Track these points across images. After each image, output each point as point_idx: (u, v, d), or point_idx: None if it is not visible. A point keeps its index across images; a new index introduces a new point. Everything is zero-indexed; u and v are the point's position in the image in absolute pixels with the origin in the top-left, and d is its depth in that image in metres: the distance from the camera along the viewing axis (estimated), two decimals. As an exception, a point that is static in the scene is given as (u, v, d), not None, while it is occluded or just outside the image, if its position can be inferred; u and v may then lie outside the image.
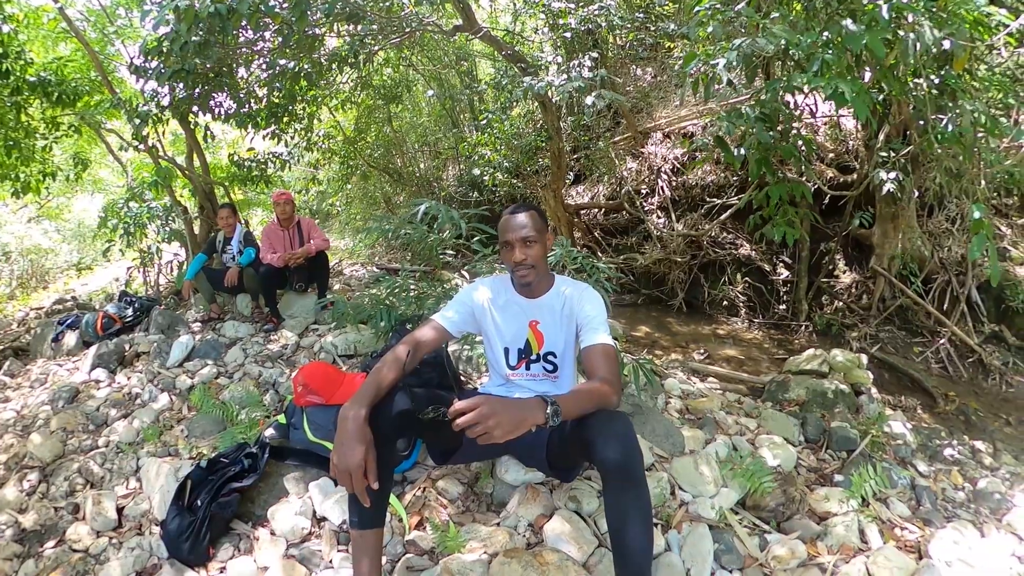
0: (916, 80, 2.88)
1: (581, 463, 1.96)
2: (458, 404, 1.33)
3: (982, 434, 3.81)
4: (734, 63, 2.64)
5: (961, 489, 2.71)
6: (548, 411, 1.37)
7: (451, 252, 3.60)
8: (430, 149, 10.89)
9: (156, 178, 5.94)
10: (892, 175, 4.13)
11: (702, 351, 5.08)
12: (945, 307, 5.15)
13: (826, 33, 2.44)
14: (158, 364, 3.72)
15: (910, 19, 2.30)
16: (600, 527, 1.90)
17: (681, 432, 2.53)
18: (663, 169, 7.19)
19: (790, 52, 2.62)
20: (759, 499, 2.10)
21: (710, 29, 2.95)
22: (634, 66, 8.79)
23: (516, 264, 1.79)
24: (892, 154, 4.47)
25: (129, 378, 3.55)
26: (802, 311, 5.76)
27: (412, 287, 3.33)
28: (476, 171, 8.11)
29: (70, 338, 4.47)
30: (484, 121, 7.72)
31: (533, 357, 1.91)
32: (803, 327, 5.67)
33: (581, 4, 5.62)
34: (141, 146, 5.73)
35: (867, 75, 2.74)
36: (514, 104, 7.75)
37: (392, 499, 2.00)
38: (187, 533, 1.91)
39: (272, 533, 2.00)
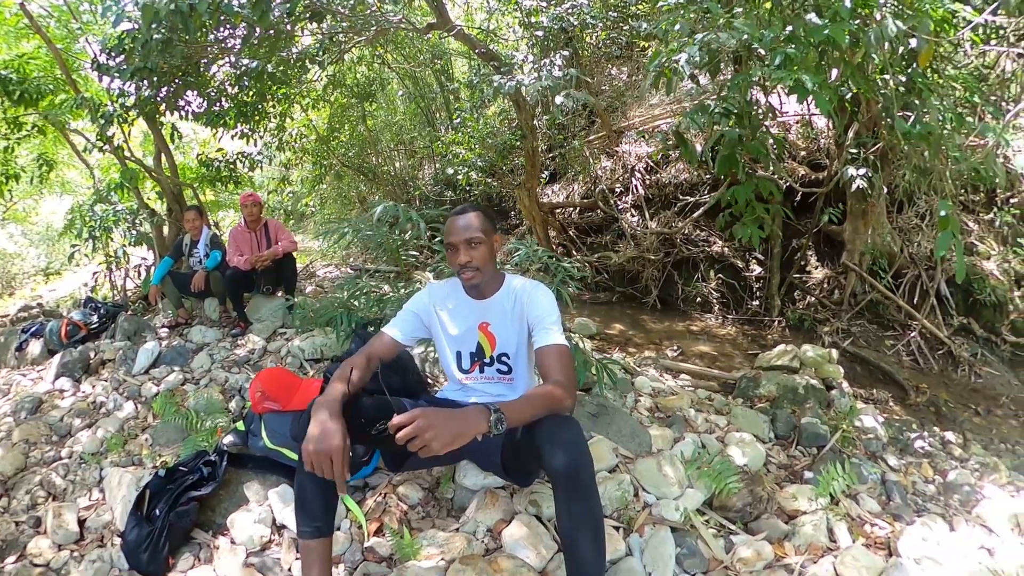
0: (883, 76, 2.91)
1: (537, 468, 1.93)
2: (396, 419, 1.31)
3: (952, 424, 3.89)
4: (696, 58, 2.64)
5: (931, 482, 2.74)
6: (491, 419, 1.35)
7: (415, 253, 3.56)
8: (405, 148, 10.79)
9: (122, 180, 5.77)
10: (862, 171, 4.18)
11: (675, 347, 5.09)
12: (915, 301, 5.25)
13: (789, 27, 2.44)
14: (124, 371, 3.62)
15: (878, 18, 2.32)
16: (561, 532, 1.88)
17: (648, 431, 2.52)
18: (637, 168, 7.22)
19: (755, 48, 2.63)
20: (725, 500, 2.09)
21: (677, 27, 2.95)
22: (609, 65, 8.81)
23: (460, 266, 1.76)
24: (862, 151, 4.52)
25: (94, 387, 3.46)
26: (775, 307, 5.81)
27: (374, 289, 3.28)
28: (450, 170, 8.06)
29: (34, 347, 4.32)
30: (458, 120, 7.66)
31: (486, 360, 1.88)
32: (776, 322, 5.73)
33: (554, 2, 5.60)
34: (107, 147, 5.57)
35: (834, 74, 2.75)
36: (488, 103, 7.71)
37: (352, 505, 1.95)
38: (145, 543, 1.87)
39: (232, 542, 1.96)
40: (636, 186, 7.17)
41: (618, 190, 7.36)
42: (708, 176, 6.58)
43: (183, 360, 3.73)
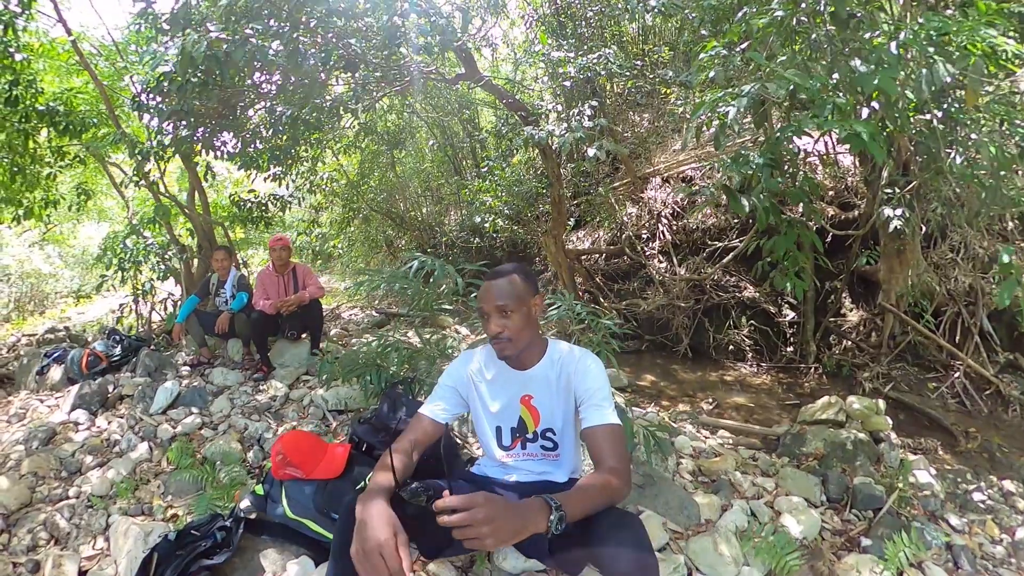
0: (920, 116, 2.81)
1: (589, 561, 1.77)
2: (449, 499, 1.15)
3: (1009, 471, 3.61)
4: (743, 109, 2.58)
5: (999, 542, 2.54)
6: (552, 518, 1.20)
7: (449, 307, 3.46)
8: (432, 195, 10.94)
9: (155, 215, 5.92)
10: (898, 211, 4.04)
11: (711, 400, 4.88)
12: (957, 339, 4.98)
13: (835, 75, 2.38)
14: (141, 409, 3.56)
15: (910, 54, 2.23)
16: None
17: (695, 501, 2.35)
18: (663, 214, 7.17)
19: (797, 95, 2.56)
20: (784, 578, 1.89)
21: (711, 74, 2.91)
22: (632, 113, 8.90)
23: (492, 337, 1.63)
24: (896, 190, 4.38)
25: (110, 422, 3.39)
26: (810, 353, 5.57)
27: (404, 344, 3.17)
28: (477, 218, 8.09)
29: (55, 372, 4.34)
30: (485, 168, 7.74)
31: (529, 436, 1.73)
32: (812, 369, 5.47)
33: (580, 53, 5.68)
34: (142, 182, 5.73)
35: (864, 112, 2.66)
36: (515, 152, 7.79)
37: None
38: None
39: (244, 615, 1.81)
40: (663, 232, 7.10)
41: (644, 236, 7.29)
42: (736, 220, 6.49)
43: (202, 403, 3.66)
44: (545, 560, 1.70)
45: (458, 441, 2.91)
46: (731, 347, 6.20)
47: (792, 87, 2.27)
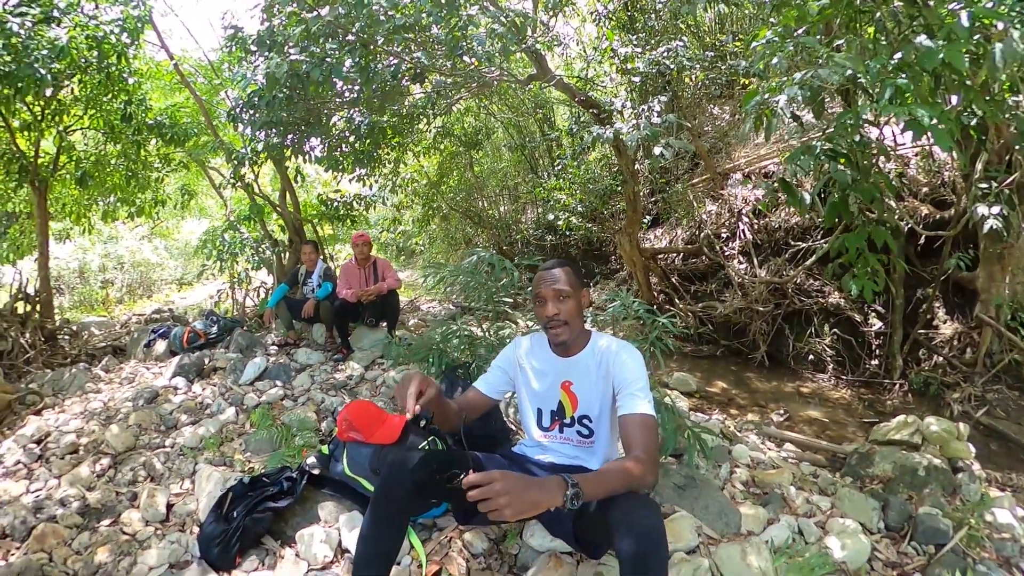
0: (1015, 98, 2.56)
1: (609, 543, 1.85)
2: (472, 476, 1.29)
3: None
4: (797, 98, 2.49)
5: None
6: (568, 493, 1.30)
7: (508, 300, 3.59)
8: (509, 193, 11.18)
9: (250, 213, 6.56)
10: (995, 209, 3.64)
11: (782, 411, 4.65)
12: None
13: (898, 54, 2.24)
14: (231, 380, 4.01)
15: (1000, 27, 2.06)
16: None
17: (738, 510, 2.30)
18: (744, 212, 6.87)
19: (859, 80, 2.44)
20: (813, 603, 1.82)
21: (774, 62, 2.84)
22: (711, 105, 8.62)
23: (548, 319, 1.74)
24: (993, 185, 3.94)
25: (204, 389, 3.87)
26: (896, 367, 5.11)
27: (467, 332, 3.35)
28: (551, 216, 8.19)
29: (160, 346, 5.01)
30: (559, 166, 7.81)
31: (567, 420, 1.83)
32: (897, 385, 5.02)
33: (649, 47, 5.61)
34: (239, 184, 6.38)
35: (954, 99, 2.46)
36: (589, 149, 7.80)
37: (416, 542, 2.00)
38: (219, 539, 2.02)
39: (297, 555, 2.05)
40: (743, 231, 6.82)
41: (724, 235, 7.04)
42: (821, 220, 6.10)
43: (286, 377, 4.05)
44: (569, 541, 1.79)
45: (512, 427, 3.03)
46: (811, 356, 5.85)
47: (849, 73, 2.17)
